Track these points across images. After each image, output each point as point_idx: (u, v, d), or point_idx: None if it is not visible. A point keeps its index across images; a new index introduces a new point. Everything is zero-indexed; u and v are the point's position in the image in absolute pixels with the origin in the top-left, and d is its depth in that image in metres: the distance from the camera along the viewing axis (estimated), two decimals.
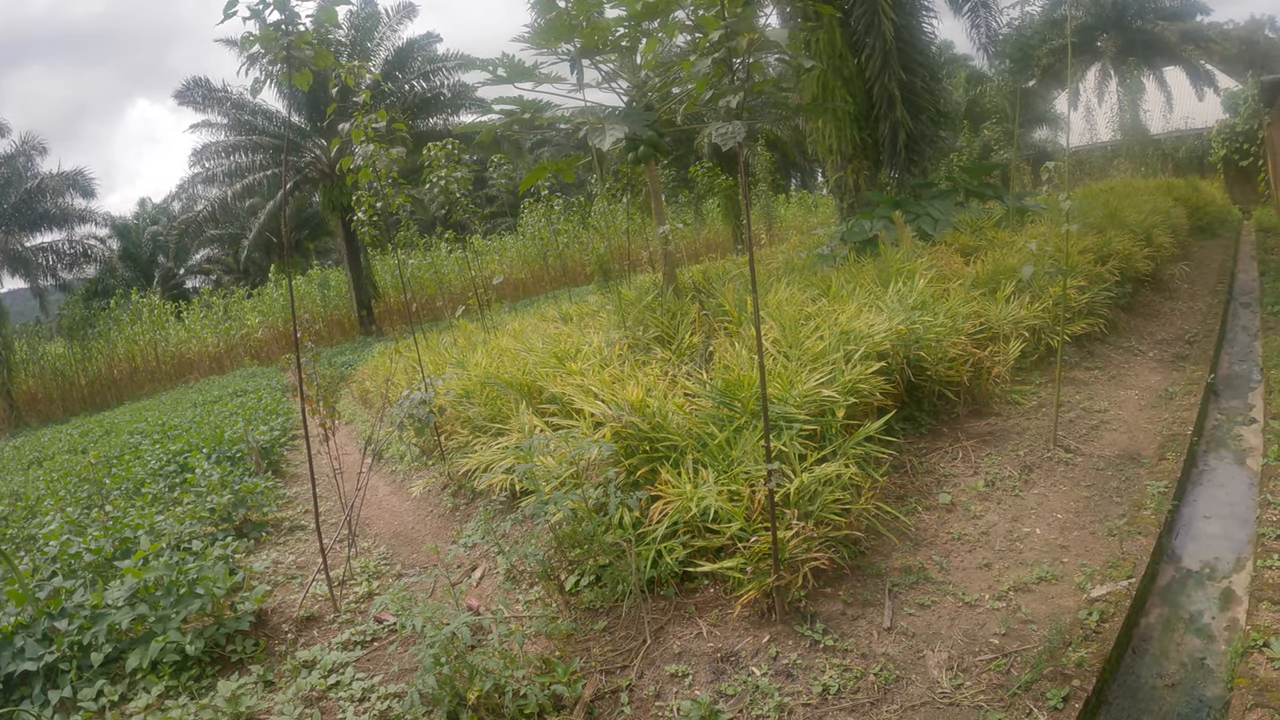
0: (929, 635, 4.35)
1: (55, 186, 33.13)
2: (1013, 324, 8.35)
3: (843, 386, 5.86)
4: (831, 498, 4.91)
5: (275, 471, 10.48)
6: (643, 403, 5.67)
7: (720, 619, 4.65)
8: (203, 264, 55.40)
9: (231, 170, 32.08)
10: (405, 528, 7.62)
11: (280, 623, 5.72)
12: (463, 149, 13.40)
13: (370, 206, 9.20)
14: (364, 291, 33.98)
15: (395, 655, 4.93)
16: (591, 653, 4.58)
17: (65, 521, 7.73)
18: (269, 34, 5.16)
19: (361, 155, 7.72)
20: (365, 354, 21.22)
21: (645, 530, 4.93)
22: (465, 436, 7.80)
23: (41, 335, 34.89)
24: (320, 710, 4.45)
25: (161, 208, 54.94)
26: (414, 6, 31.80)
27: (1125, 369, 8.80)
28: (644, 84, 9.88)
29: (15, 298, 37.58)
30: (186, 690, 4.82)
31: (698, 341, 7.58)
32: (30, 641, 5.02)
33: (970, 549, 5.23)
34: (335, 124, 27.26)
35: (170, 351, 35.37)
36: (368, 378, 14.36)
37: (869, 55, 13.88)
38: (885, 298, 8.12)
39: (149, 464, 10.48)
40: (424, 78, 31.99)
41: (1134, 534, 5.20)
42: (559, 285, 28.59)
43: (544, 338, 9.28)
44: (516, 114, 8.97)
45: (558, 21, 8.35)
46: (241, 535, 7.74)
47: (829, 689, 3.97)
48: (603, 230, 22.55)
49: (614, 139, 7.33)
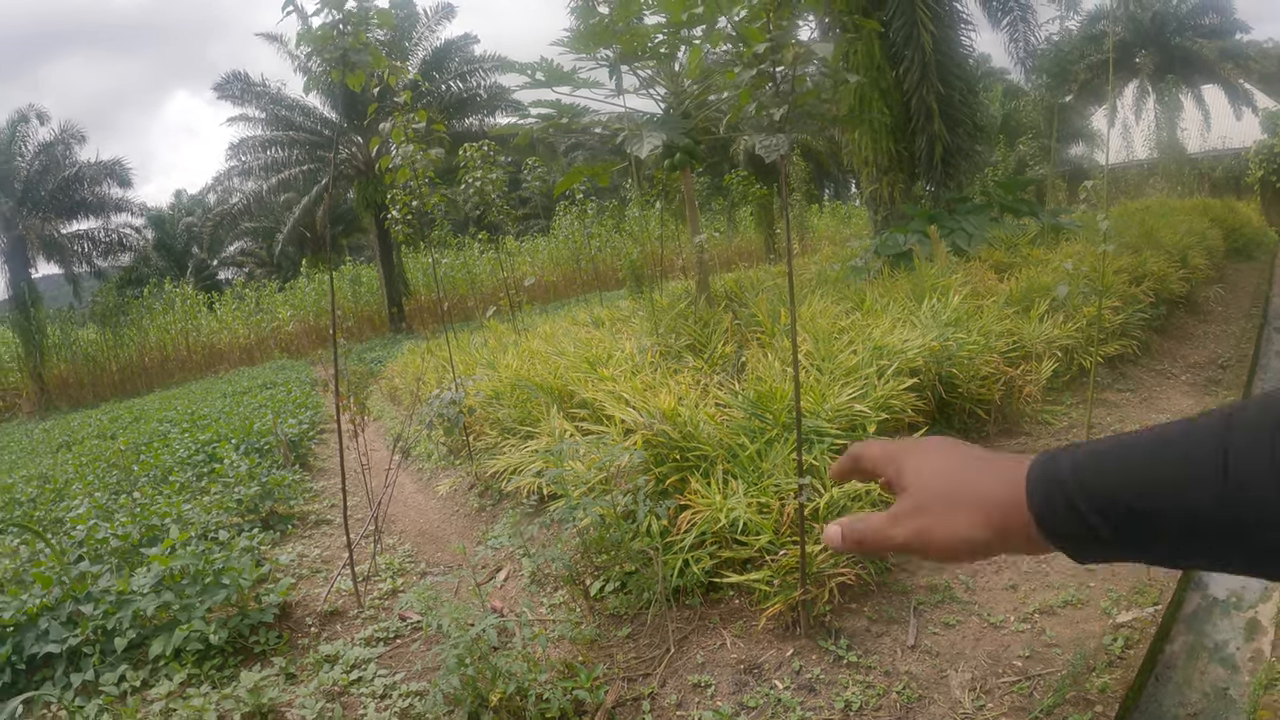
0: (953, 655, 4.32)
1: (93, 175, 33.54)
2: (1046, 343, 8.30)
3: (875, 402, 5.84)
4: (861, 513, 4.89)
5: (302, 465, 10.54)
6: (674, 411, 5.67)
7: (744, 631, 4.64)
8: (236, 256, 55.91)
9: (267, 164, 32.36)
10: (430, 526, 7.65)
11: (304, 616, 5.76)
12: (499, 150, 13.46)
13: (405, 205, 9.25)
14: (395, 289, 34.16)
15: (418, 653, 4.94)
16: (615, 659, 4.58)
17: (93, 506, 7.79)
18: (326, 34, 5.19)
19: (401, 155, 7.76)
20: (394, 351, 21.32)
21: (673, 539, 4.92)
22: (494, 438, 7.82)
23: (74, 321, 35.30)
24: (342, 705, 4.47)
25: (197, 199, 55.56)
26: (452, 7, 32.02)
27: (1157, 392, 8.72)
28: (681, 91, 9.88)
29: (50, 283, 38.00)
30: (209, 679, 4.85)
31: (730, 351, 7.57)
32: (55, 624, 5.07)
33: (996, 570, 5.19)
34: (373, 123, 27.45)
35: (201, 341, 35.73)
36: (396, 375, 14.42)
37: (907, 68, 13.83)
38: (919, 313, 8.09)
39: (177, 452, 10.57)
40: (460, 78, 32.15)
41: None
42: (590, 289, 28.66)
43: (575, 342, 9.29)
44: (554, 118, 9.01)
45: (597, 27, 8.37)
46: (268, 527, 7.79)
47: (851, 705, 3.96)
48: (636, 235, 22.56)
49: (651, 146, 7.34)
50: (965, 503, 0.82)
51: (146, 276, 43.57)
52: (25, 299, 31.15)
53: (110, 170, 33.98)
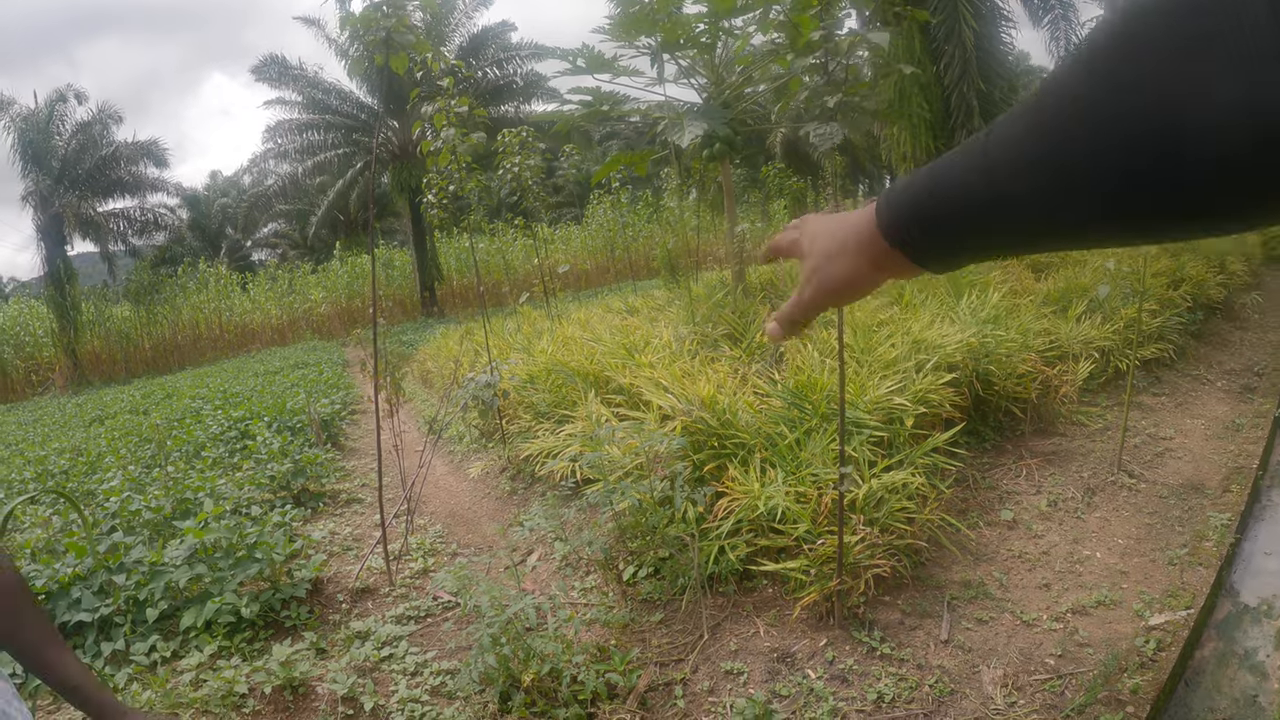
0: (985, 651, 4.31)
1: (129, 155, 33.93)
2: (1083, 344, 8.24)
3: (913, 395, 5.82)
4: (898, 506, 4.88)
5: (334, 444, 10.62)
6: (713, 398, 5.67)
7: (778, 619, 4.64)
8: (270, 238, 56.34)
9: (303, 147, 32.59)
10: (461, 507, 7.68)
11: (335, 592, 5.80)
12: (537, 137, 13.49)
13: (442, 189, 9.28)
14: (428, 273, 34.33)
15: (450, 633, 4.97)
16: (648, 644, 4.59)
17: (126, 479, 7.87)
18: (370, 16, 5.20)
19: (443, 139, 7.78)
20: (427, 334, 21.41)
21: (709, 526, 4.92)
22: (527, 421, 7.84)
23: (109, 298, 35.78)
24: (373, 680, 4.50)
25: (232, 181, 56.02)
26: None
27: (1192, 397, 8.64)
28: (721, 80, 9.84)
29: (85, 260, 38.51)
30: (239, 652, 4.90)
31: (768, 341, 7.56)
32: (87, 593, 5.13)
33: (1030, 568, 5.17)
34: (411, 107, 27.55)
35: (234, 321, 36.08)
36: (429, 358, 14.50)
37: (948, 63, 13.78)
38: (958, 309, 8.06)
39: (210, 428, 10.66)
40: (497, 65, 32.27)
41: (1194, 564, 5.12)
42: (623, 277, 28.67)
43: (611, 329, 9.31)
44: (594, 105, 8.99)
45: (639, 15, 8.35)
46: (299, 504, 7.85)
47: (884, 696, 3.95)
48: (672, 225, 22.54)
49: (693, 135, 7.32)
50: (841, 245, 0.96)
51: (180, 256, 44.04)
52: (61, 276, 31.56)
53: (146, 150, 34.34)
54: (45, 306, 32.69)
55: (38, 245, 31.62)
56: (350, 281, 37.30)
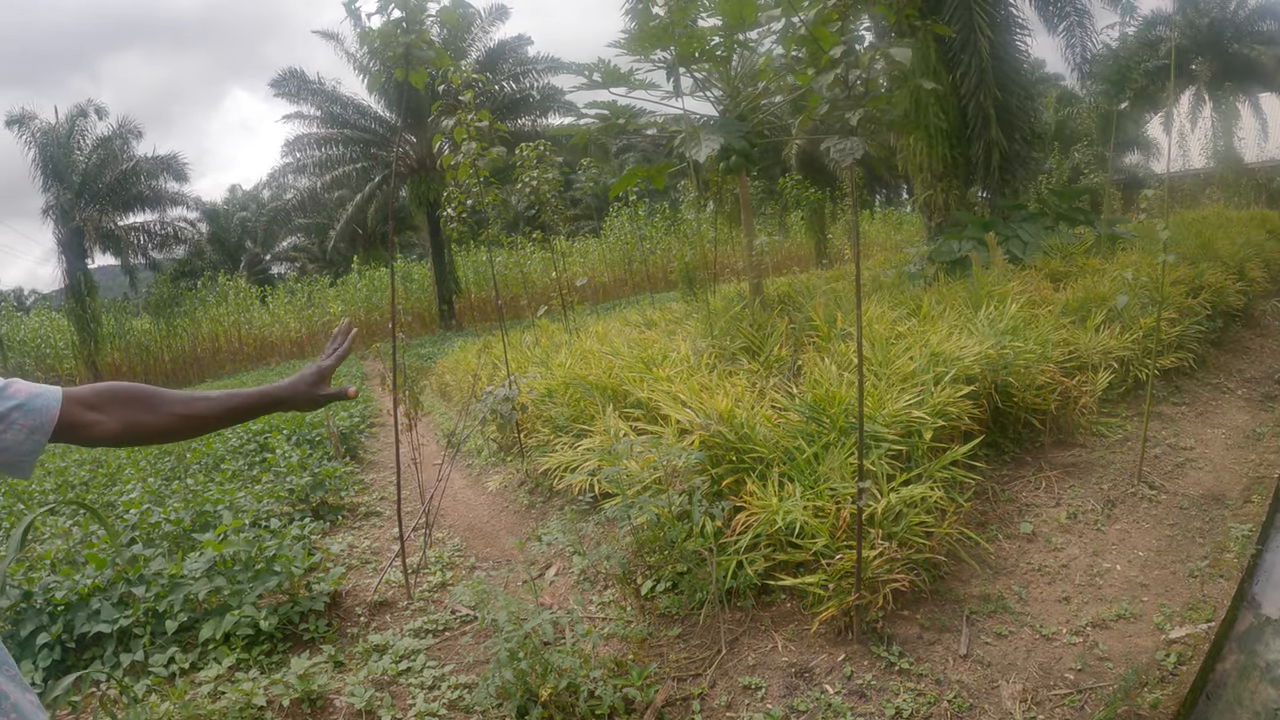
0: (1004, 665, 4.29)
1: (149, 169, 34.19)
2: (1102, 354, 8.20)
3: (931, 408, 5.80)
4: (916, 520, 4.86)
5: (353, 457, 10.65)
6: (731, 412, 5.66)
7: (796, 634, 4.63)
8: (289, 251, 56.64)
9: (322, 161, 32.76)
10: (480, 521, 7.70)
11: (353, 606, 5.82)
12: (554, 150, 13.53)
13: (460, 203, 9.31)
14: (446, 286, 34.42)
15: (468, 646, 4.98)
16: (666, 658, 4.59)
17: (146, 491, 7.91)
18: (389, 31, 5.23)
19: (463, 153, 7.81)
20: (445, 348, 21.46)
21: (727, 540, 4.92)
22: (545, 435, 7.84)
23: (129, 311, 36.01)
24: (390, 694, 4.51)
25: (251, 195, 56.34)
26: (506, 9, 32.29)
27: (1213, 406, 8.59)
28: (737, 93, 9.86)
29: (105, 273, 38.69)
30: (257, 664, 4.92)
31: (786, 355, 7.56)
32: (106, 604, 5.16)
33: (1050, 581, 5.15)
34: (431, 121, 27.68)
35: (253, 334, 36.28)
36: (447, 371, 14.51)
37: (964, 72, 13.74)
38: (975, 320, 8.02)
39: (229, 441, 10.71)
40: (514, 79, 32.38)
41: (1215, 577, 5.08)
42: (640, 290, 28.70)
43: (629, 342, 9.31)
44: (610, 118, 9.02)
45: (655, 29, 8.38)
46: (318, 517, 7.88)
47: (902, 712, 3.94)
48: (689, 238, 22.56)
49: (709, 149, 7.33)
50: None
51: (200, 269, 44.30)
52: (81, 289, 31.79)
53: (166, 164, 34.59)
54: (66, 319, 32.95)
55: (58, 258, 31.88)
56: (369, 295, 37.46)
